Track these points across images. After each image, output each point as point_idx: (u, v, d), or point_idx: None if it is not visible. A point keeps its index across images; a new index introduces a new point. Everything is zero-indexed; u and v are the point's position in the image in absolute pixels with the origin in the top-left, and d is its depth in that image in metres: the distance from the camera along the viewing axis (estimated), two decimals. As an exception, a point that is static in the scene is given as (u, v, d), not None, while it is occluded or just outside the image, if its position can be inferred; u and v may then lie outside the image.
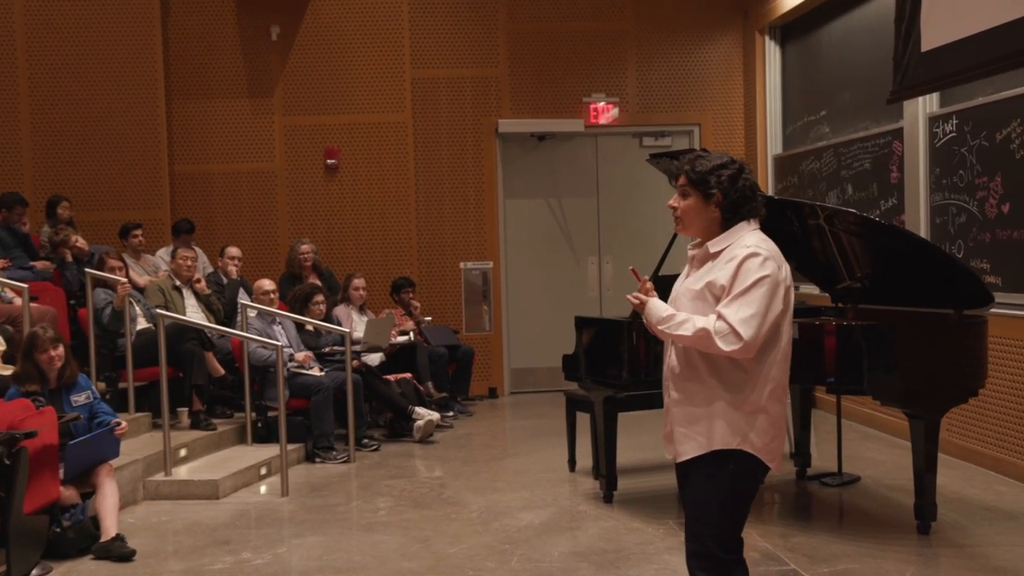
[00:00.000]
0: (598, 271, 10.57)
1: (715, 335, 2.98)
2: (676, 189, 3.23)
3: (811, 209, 5.68)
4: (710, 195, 3.12)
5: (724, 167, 3.14)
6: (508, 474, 6.87)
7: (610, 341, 5.74)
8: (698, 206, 3.15)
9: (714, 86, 10.50)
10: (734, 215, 3.13)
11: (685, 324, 3.05)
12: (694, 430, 3.13)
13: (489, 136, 10.29)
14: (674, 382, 3.20)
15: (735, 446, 3.07)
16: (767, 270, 3.01)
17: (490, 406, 9.83)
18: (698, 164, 3.15)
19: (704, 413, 3.11)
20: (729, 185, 3.11)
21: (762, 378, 3.08)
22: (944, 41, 6.05)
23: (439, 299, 10.22)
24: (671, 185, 6.34)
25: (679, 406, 3.18)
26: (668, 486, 6.47)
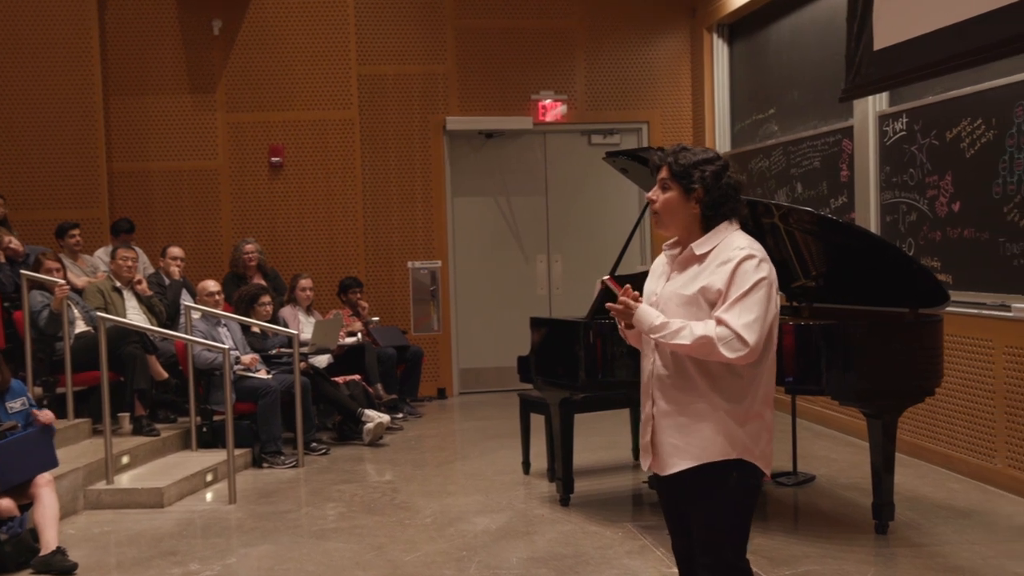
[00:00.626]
0: (547, 269, 10.50)
1: (718, 342, 2.86)
2: (657, 181, 3.12)
3: (765, 207, 5.64)
4: (691, 190, 3.01)
5: (708, 162, 3.04)
6: (461, 477, 6.76)
7: (567, 342, 5.65)
8: (678, 200, 3.04)
9: (662, 84, 10.47)
10: (714, 213, 3.02)
11: (682, 332, 2.92)
12: (687, 441, 3.00)
13: (437, 133, 10.17)
14: (662, 391, 3.06)
15: (735, 456, 2.97)
16: (763, 272, 2.93)
17: (439, 407, 9.70)
18: (681, 157, 3.04)
19: (699, 424, 2.99)
20: (712, 181, 3.01)
21: (756, 384, 3.00)
22: (896, 40, 6.06)
23: (387, 299, 10.07)
24: (629, 178, 6.25)
25: (668, 417, 3.04)
26: (623, 488, 6.41)
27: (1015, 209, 5.84)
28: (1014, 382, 5.85)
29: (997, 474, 5.99)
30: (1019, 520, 5.37)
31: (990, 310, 6.03)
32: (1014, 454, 5.86)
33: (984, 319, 6.03)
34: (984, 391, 6.09)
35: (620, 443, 7.45)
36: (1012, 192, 5.86)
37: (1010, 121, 5.85)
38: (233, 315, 7.74)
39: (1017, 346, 5.81)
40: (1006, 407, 5.92)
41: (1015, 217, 5.84)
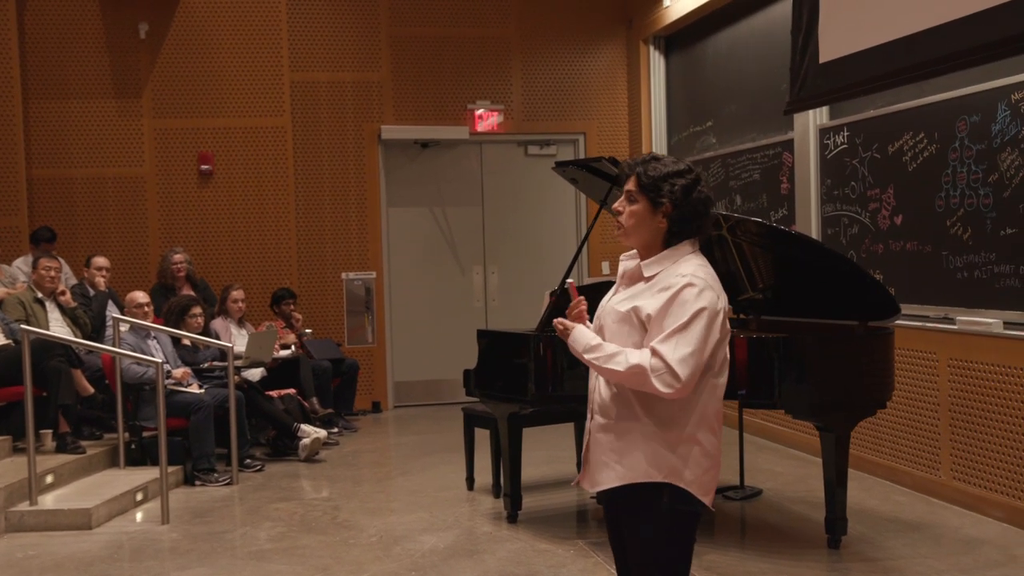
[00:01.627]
0: (483, 281, 10.38)
1: (652, 373, 2.73)
2: (624, 192, 2.99)
3: (714, 219, 5.59)
4: (659, 203, 2.88)
5: (679, 175, 2.90)
6: (403, 494, 6.59)
7: (516, 355, 5.53)
8: (645, 214, 2.90)
9: (599, 95, 10.44)
10: (681, 229, 2.89)
11: (616, 358, 2.80)
12: (612, 459, 2.88)
13: (371, 142, 9.99)
14: (600, 406, 2.95)
15: (660, 479, 2.83)
16: (704, 301, 2.79)
17: (374, 421, 9.50)
18: (651, 168, 2.91)
19: (627, 443, 2.86)
20: (682, 196, 2.88)
21: (692, 408, 2.85)
22: (842, 53, 6.08)
23: (320, 311, 9.85)
24: (579, 188, 6.15)
25: (602, 432, 2.92)
26: (570, 504, 6.31)
27: (958, 223, 5.89)
28: (958, 395, 5.89)
29: (941, 486, 6.03)
30: (966, 533, 5.39)
31: (933, 323, 6.07)
32: (958, 467, 5.90)
33: (927, 332, 6.07)
34: (928, 404, 6.12)
35: (563, 457, 7.35)
36: (955, 206, 5.91)
37: (952, 135, 5.90)
38: (163, 327, 7.47)
39: (960, 359, 5.85)
40: (950, 420, 5.95)
41: (959, 231, 5.89)
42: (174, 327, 7.50)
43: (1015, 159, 5.45)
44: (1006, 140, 5.51)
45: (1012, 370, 5.49)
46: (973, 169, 5.76)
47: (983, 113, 5.67)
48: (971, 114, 5.76)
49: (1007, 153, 5.51)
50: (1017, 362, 5.46)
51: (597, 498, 5.92)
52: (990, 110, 5.62)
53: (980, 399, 5.72)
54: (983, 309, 5.73)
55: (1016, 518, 5.45)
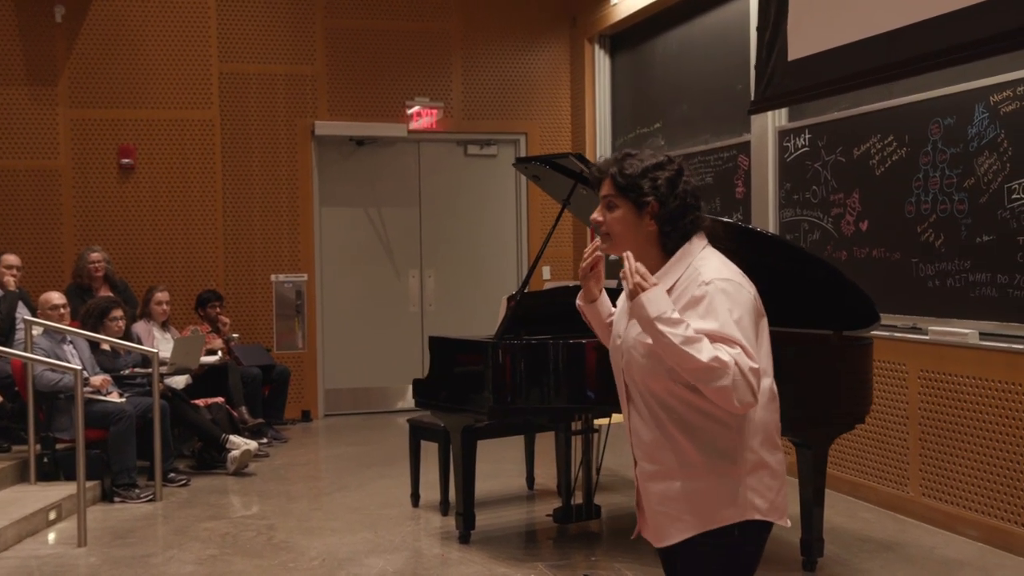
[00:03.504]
0: (420, 285, 9.96)
1: (734, 378, 2.33)
2: (600, 200, 2.61)
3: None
4: (643, 204, 2.51)
5: (660, 167, 2.53)
6: (343, 511, 6.14)
7: (472, 364, 5.15)
8: (629, 218, 2.53)
9: (542, 94, 10.11)
10: (673, 228, 2.52)
11: (699, 343, 2.33)
12: (678, 509, 2.51)
13: (304, 139, 9.51)
14: (641, 449, 2.59)
15: (739, 518, 2.48)
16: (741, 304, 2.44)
17: (304, 431, 9.02)
18: (627, 166, 2.53)
19: (689, 488, 2.50)
20: (667, 190, 2.50)
21: (749, 428, 2.49)
22: (813, 50, 5.83)
23: (248, 315, 9.33)
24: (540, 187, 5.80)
25: (655, 481, 2.56)
26: (523, 522, 5.95)
27: (930, 229, 5.68)
28: (928, 407, 5.67)
29: (910, 503, 5.80)
30: (941, 553, 5.16)
31: (902, 332, 5.84)
32: (928, 482, 5.68)
33: (896, 342, 5.84)
34: (896, 416, 5.90)
35: (509, 471, 6.98)
36: (927, 211, 5.69)
37: (925, 138, 5.69)
38: (80, 331, 6.91)
39: (932, 370, 5.64)
40: (920, 434, 5.73)
41: (930, 237, 5.67)
42: (92, 331, 6.94)
43: (993, 163, 5.25)
44: (983, 144, 5.30)
45: (987, 382, 5.28)
46: (947, 173, 5.55)
47: (959, 115, 5.46)
48: (945, 116, 5.55)
49: (984, 157, 5.30)
50: (993, 374, 5.25)
51: (554, 515, 5.58)
52: (966, 112, 5.41)
53: (952, 412, 5.50)
54: (956, 319, 5.52)
55: (991, 537, 5.24)
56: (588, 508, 5.61)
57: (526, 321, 5.33)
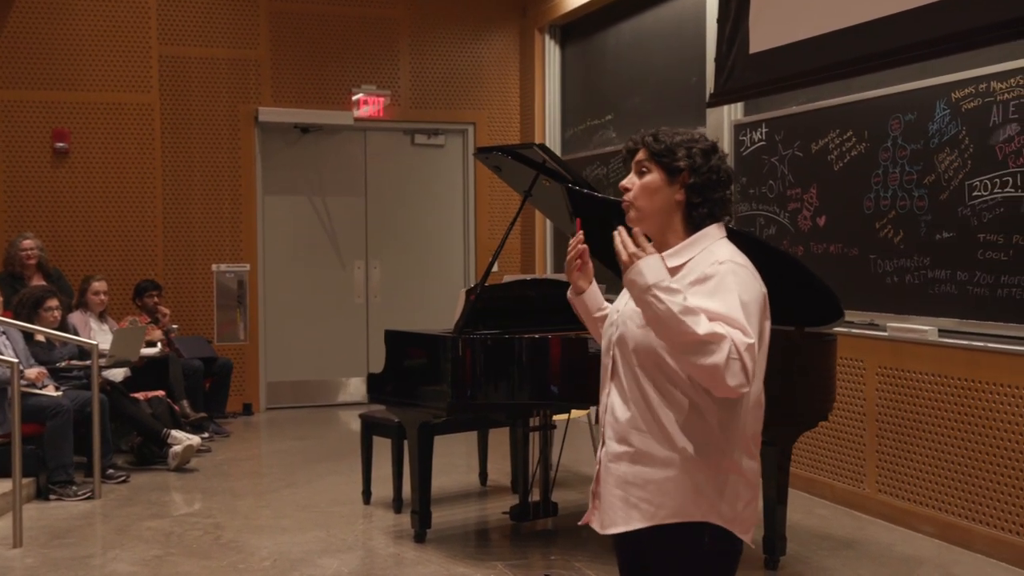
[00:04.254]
0: (365, 276, 9.77)
1: (730, 354, 2.21)
2: (632, 168, 2.52)
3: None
4: (676, 171, 2.44)
5: (695, 141, 2.48)
6: (292, 509, 5.96)
7: (431, 358, 5.01)
8: (659, 185, 2.45)
9: (490, 85, 9.98)
10: (702, 202, 2.45)
11: (695, 315, 2.21)
12: (636, 495, 2.40)
13: (247, 125, 9.26)
14: (615, 429, 2.46)
15: (698, 517, 2.37)
16: (756, 288, 2.36)
17: (245, 425, 8.79)
18: (662, 134, 2.49)
19: (653, 474, 2.38)
20: (702, 160, 2.45)
21: (734, 429, 2.39)
22: (776, 43, 5.78)
23: (188, 305, 9.06)
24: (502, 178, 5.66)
25: (620, 462, 2.44)
26: (479, 519, 5.83)
27: (889, 225, 5.66)
28: (886, 404, 5.66)
29: (867, 500, 5.79)
30: (901, 550, 5.15)
31: (860, 329, 5.83)
32: (885, 479, 5.67)
33: (854, 338, 5.82)
34: (853, 413, 5.89)
35: (460, 466, 6.87)
36: (886, 207, 5.68)
37: (884, 134, 5.67)
38: (13, 321, 6.62)
39: (890, 366, 5.63)
40: (877, 430, 5.72)
41: (889, 233, 5.66)
42: (26, 321, 6.67)
43: (954, 160, 5.24)
44: (944, 140, 5.30)
45: (946, 379, 5.28)
46: (907, 170, 5.54)
47: (919, 112, 5.45)
48: (906, 112, 5.53)
49: (945, 154, 5.29)
50: (952, 371, 5.25)
51: (510, 513, 5.48)
52: (927, 109, 5.40)
53: (910, 409, 5.50)
54: (914, 315, 5.51)
55: (948, 534, 5.25)
56: (545, 506, 5.51)
57: (484, 315, 5.21)
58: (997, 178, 5.01)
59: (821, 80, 5.69)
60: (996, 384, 5.01)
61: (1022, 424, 4.86)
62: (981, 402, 5.09)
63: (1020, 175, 4.89)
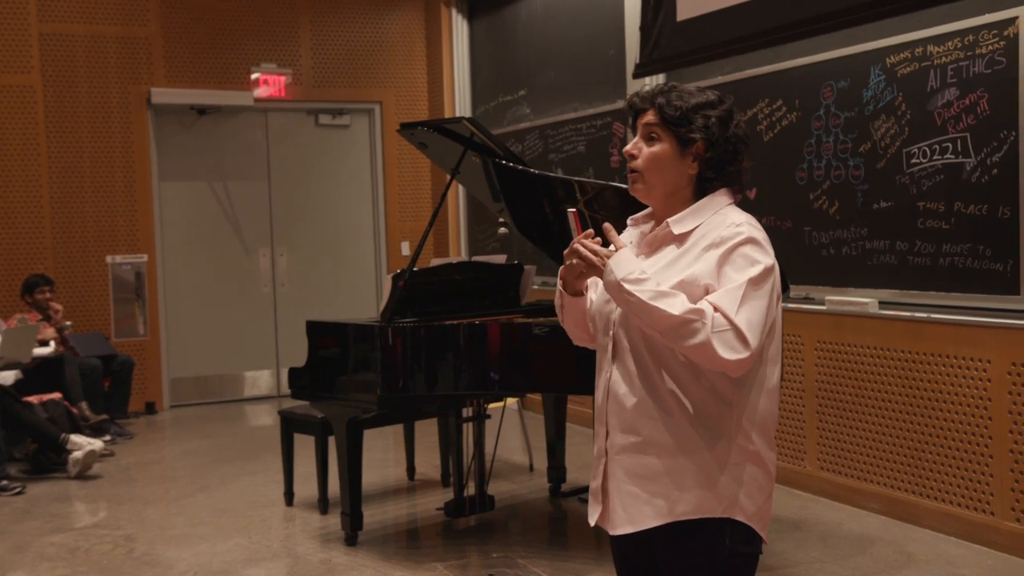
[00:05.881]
0: (271, 263, 9.32)
1: (712, 327, 2.03)
2: (638, 131, 2.27)
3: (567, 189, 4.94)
4: (689, 141, 2.20)
5: (711, 106, 2.23)
6: (209, 515, 5.55)
7: (359, 350, 4.68)
8: (670, 156, 2.21)
9: (396, 61, 9.61)
10: (717, 175, 2.23)
11: (669, 297, 2.06)
12: (652, 489, 2.17)
13: (139, 107, 8.71)
14: (620, 417, 2.22)
15: (719, 514, 2.15)
16: (769, 261, 2.14)
17: (149, 424, 8.30)
18: (676, 97, 2.22)
19: (669, 467, 2.16)
20: (718, 131, 2.21)
21: (752, 414, 2.17)
22: (704, 10, 5.57)
23: (81, 300, 8.51)
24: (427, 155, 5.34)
25: (629, 455, 2.21)
26: (411, 518, 5.53)
27: (823, 196, 5.52)
28: (826, 379, 5.53)
29: (807, 478, 5.66)
30: (849, 529, 5.02)
31: (795, 303, 5.68)
32: (826, 456, 5.55)
33: (790, 313, 5.67)
34: (792, 390, 5.74)
35: (384, 461, 6.56)
36: (820, 178, 5.53)
37: (817, 102, 5.52)
38: None
39: (829, 340, 5.50)
40: (817, 406, 5.59)
41: (824, 204, 5.52)
42: (-96, 323, 6.12)
43: (891, 127, 5.11)
44: (880, 107, 5.16)
45: (888, 352, 5.17)
46: (841, 138, 5.39)
47: (853, 78, 5.30)
48: (839, 79, 5.38)
49: (881, 121, 5.16)
50: (894, 343, 5.14)
51: (446, 509, 5.19)
52: (861, 75, 5.25)
53: (852, 383, 5.38)
54: (852, 288, 5.38)
55: (894, 509, 5.14)
56: (481, 500, 5.23)
57: (409, 301, 4.90)
58: (936, 144, 4.89)
59: (753, 47, 5.50)
60: (940, 355, 4.91)
61: (967, 395, 4.77)
62: (925, 374, 4.99)
63: (960, 141, 4.79)
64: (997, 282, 4.65)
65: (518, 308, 5.41)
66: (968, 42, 4.71)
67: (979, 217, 4.71)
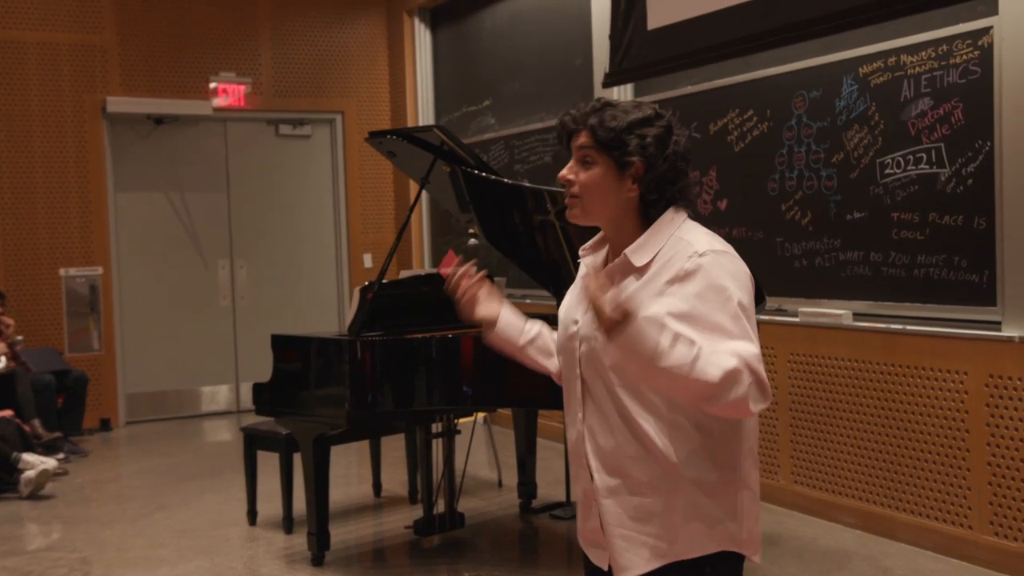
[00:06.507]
0: (230, 276, 9.14)
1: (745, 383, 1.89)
2: (572, 153, 2.13)
3: (537, 200, 4.83)
4: (626, 164, 2.06)
5: (647, 123, 2.07)
6: (169, 535, 5.37)
7: (326, 364, 4.55)
8: (607, 180, 2.07)
9: (358, 71, 9.48)
10: (659, 196, 2.09)
11: (708, 356, 1.88)
12: (646, 531, 2.06)
13: (95, 116, 8.51)
14: (600, 458, 2.10)
15: (714, 549, 2.06)
16: (740, 277, 2.03)
17: (104, 442, 8.07)
18: (609, 117, 2.07)
19: (659, 507, 2.05)
20: (656, 150, 2.06)
21: (739, 441, 2.08)
22: (675, 19, 5.51)
23: (34, 314, 8.26)
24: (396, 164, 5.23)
25: (614, 497, 2.09)
26: (377, 536, 5.39)
27: (795, 207, 5.47)
28: (800, 392, 5.47)
29: (780, 491, 5.59)
30: (824, 544, 4.95)
31: (768, 315, 5.62)
32: (800, 470, 5.49)
33: (763, 325, 5.59)
34: (763, 402, 5.67)
35: (348, 477, 6.40)
36: (792, 188, 5.48)
37: (789, 112, 5.47)
38: None
39: (802, 353, 5.44)
40: (791, 419, 5.53)
41: (796, 215, 5.47)
42: None
43: (864, 137, 5.07)
44: (853, 117, 5.12)
45: (863, 364, 5.12)
46: (814, 149, 5.35)
47: (825, 88, 5.26)
48: (811, 89, 5.34)
49: (854, 131, 5.12)
50: (868, 355, 5.09)
51: (415, 527, 5.05)
52: (834, 85, 5.22)
53: (826, 396, 5.32)
54: (826, 299, 5.33)
55: (870, 523, 5.08)
56: (451, 517, 5.10)
57: (379, 314, 4.77)
58: (911, 155, 4.86)
59: (724, 56, 5.45)
60: (915, 367, 4.87)
61: (944, 408, 4.73)
62: (900, 386, 4.94)
63: (935, 151, 4.75)
64: (973, 293, 4.62)
65: (488, 321, 5.29)
66: (942, 52, 4.69)
67: (954, 228, 4.68)
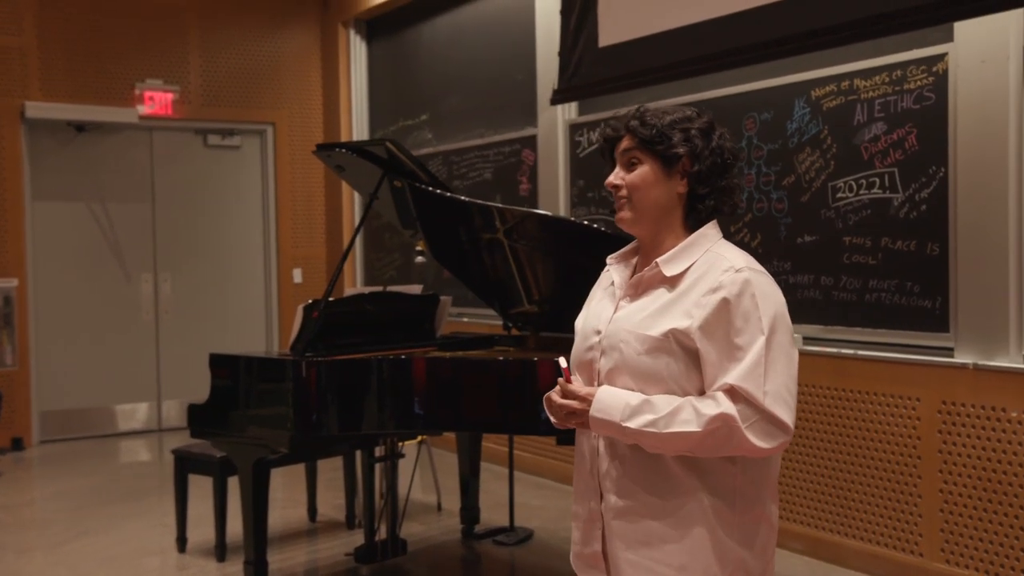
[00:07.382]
0: (154, 290, 8.81)
1: (742, 425, 1.85)
2: (616, 161, 2.13)
3: (485, 218, 4.71)
4: (673, 158, 2.03)
5: (688, 120, 2.07)
6: (93, 564, 5.08)
7: (268, 385, 4.34)
8: (655, 176, 2.05)
9: (290, 82, 9.25)
10: (708, 193, 2.06)
11: (681, 414, 1.88)
12: (655, 557, 1.96)
13: (12, 122, 8.14)
14: (616, 480, 2.00)
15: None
16: (776, 302, 1.97)
17: (16, 462, 7.69)
18: (649, 116, 2.06)
19: (673, 531, 1.95)
20: (702, 142, 2.04)
21: (760, 472, 2.00)
22: (627, 37, 5.43)
23: (-57, 327, 7.87)
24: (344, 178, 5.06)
25: (625, 518, 1.99)
26: (317, 564, 5.17)
27: (745, 229, 5.43)
28: (746, 415, 5.41)
29: (727, 516, 5.53)
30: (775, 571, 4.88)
31: (715, 337, 5.56)
32: (747, 493, 5.43)
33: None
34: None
35: (283, 500, 6.17)
36: (741, 211, 5.44)
37: (739, 134, 5.43)
38: None
39: (750, 376, 5.39)
40: (737, 442, 5.47)
41: (746, 238, 5.43)
42: None
43: (816, 160, 5.05)
44: (804, 140, 5.10)
45: (813, 388, 5.08)
46: (764, 171, 5.31)
47: (776, 110, 5.23)
48: (762, 111, 5.31)
49: (806, 154, 5.09)
50: (818, 380, 5.06)
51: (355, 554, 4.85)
52: (785, 107, 5.19)
53: (773, 420, 5.27)
54: (774, 322, 5.29)
55: (819, 550, 5.04)
56: (393, 544, 4.92)
57: (324, 333, 4.58)
58: (863, 179, 4.85)
59: (677, 76, 5.38)
60: (867, 392, 4.84)
61: (895, 434, 4.70)
62: (850, 411, 4.91)
63: (888, 176, 4.74)
64: (926, 319, 4.61)
65: (433, 341, 5.14)
66: (896, 77, 4.68)
67: (907, 253, 4.67)
